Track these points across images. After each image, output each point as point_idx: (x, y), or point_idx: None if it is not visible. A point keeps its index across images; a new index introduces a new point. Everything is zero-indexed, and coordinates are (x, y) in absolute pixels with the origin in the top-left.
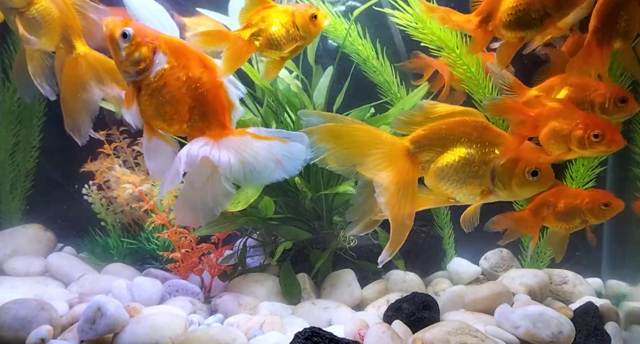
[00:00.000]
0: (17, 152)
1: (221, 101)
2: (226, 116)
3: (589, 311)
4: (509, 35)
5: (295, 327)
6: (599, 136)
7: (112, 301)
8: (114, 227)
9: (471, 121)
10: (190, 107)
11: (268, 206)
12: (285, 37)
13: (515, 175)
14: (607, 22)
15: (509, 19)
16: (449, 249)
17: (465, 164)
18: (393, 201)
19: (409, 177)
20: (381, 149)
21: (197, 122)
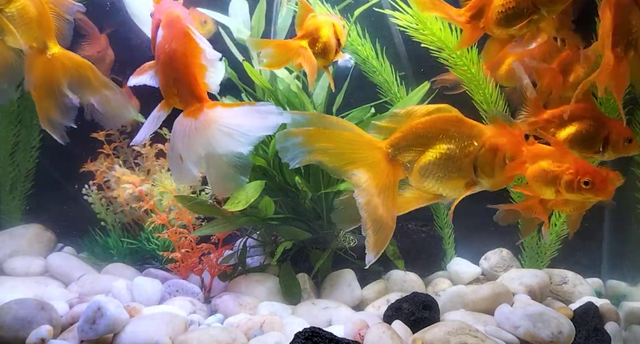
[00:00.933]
0: (17, 152)
1: (192, 72)
2: (199, 87)
3: (589, 311)
4: (500, 32)
5: (295, 327)
6: (589, 183)
7: (112, 301)
8: (114, 227)
9: (446, 116)
10: (173, 80)
11: (268, 206)
12: (332, 46)
13: (495, 164)
14: (622, 36)
15: (499, 16)
16: (449, 249)
17: (447, 160)
18: (372, 203)
19: (388, 180)
20: (360, 154)
21: (180, 95)
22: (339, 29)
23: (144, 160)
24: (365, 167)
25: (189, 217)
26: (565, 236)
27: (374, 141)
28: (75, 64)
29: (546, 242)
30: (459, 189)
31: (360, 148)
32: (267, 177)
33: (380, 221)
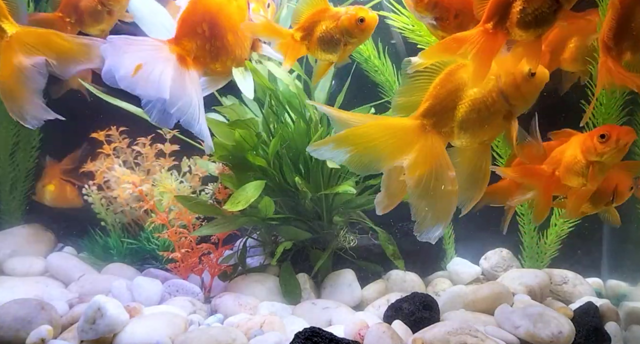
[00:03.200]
0: (17, 152)
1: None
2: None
3: (589, 311)
4: (526, 34)
5: (295, 327)
6: (605, 136)
7: (112, 301)
8: (114, 227)
9: (454, 67)
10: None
11: (268, 206)
12: (329, 42)
13: (519, 84)
14: (618, 39)
15: (523, 17)
16: (449, 249)
17: (478, 104)
18: (425, 183)
19: (436, 153)
20: (397, 137)
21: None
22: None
23: (144, 160)
24: (407, 150)
25: (189, 217)
26: (565, 236)
27: (404, 120)
28: (40, 38)
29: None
30: (500, 126)
31: (394, 132)
32: (267, 177)
33: (438, 195)
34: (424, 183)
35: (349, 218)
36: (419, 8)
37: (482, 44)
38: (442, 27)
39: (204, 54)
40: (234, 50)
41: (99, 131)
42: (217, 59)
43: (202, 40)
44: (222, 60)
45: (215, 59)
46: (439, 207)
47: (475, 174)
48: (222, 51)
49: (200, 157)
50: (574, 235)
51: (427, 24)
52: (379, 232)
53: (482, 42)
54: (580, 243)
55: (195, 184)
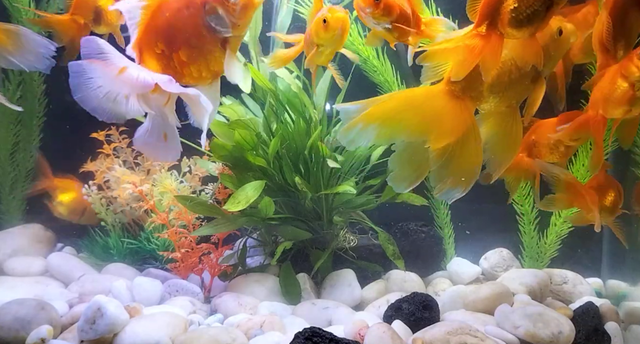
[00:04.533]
0: (17, 152)
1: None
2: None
3: (589, 311)
4: (519, 33)
5: (295, 327)
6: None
7: (112, 301)
8: (114, 227)
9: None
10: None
11: (268, 206)
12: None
13: (547, 44)
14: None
15: (515, 16)
16: (449, 249)
17: (511, 66)
18: (456, 154)
19: (466, 118)
20: (427, 107)
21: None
22: (313, 27)
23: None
24: (437, 117)
25: (189, 217)
26: (565, 236)
27: (432, 87)
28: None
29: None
30: (528, 88)
31: (422, 101)
32: (267, 177)
33: (463, 163)
34: (450, 151)
35: (349, 218)
36: (376, 16)
37: (480, 49)
38: (396, 30)
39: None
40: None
41: (99, 131)
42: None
43: (163, 58)
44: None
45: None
46: (461, 174)
47: (507, 137)
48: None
49: (200, 157)
50: (574, 235)
51: (382, 28)
52: (379, 232)
53: (480, 47)
54: (580, 243)
55: (195, 184)
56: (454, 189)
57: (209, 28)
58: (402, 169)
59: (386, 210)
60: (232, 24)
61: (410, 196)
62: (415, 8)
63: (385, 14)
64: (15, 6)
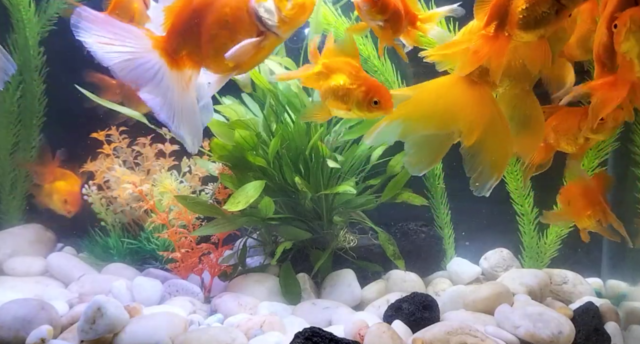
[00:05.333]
0: (17, 152)
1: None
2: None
3: (589, 311)
4: (528, 36)
5: (295, 327)
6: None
7: (112, 301)
8: (114, 227)
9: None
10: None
11: (268, 206)
12: (338, 99)
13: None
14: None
15: (523, 18)
16: (449, 249)
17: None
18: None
19: (489, 102)
20: (446, 95)
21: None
22: (357, 96)
23: (144, 160)
24: (459, 105)
25: (189, 217)
26: (565, 236)
27: (449, 77)
28: None
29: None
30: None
31: (442, 91)
32: (267, 177)
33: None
34: (480, 136)
35: (349, 218)
36: (372, 13)
37: (487, 50)
38: (391, 27)
39: (195, 51)
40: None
41: (99, 131)
42: (212, 57)
43: (192, 36)
44: (218, 59)
45: (209, 57)
46: (493, 160)
47: (527, 119)
48: (215, 48)
49: (200, 157)
50: (574, 235)
51: (376, 25)
52: (379, 233)
53: (487, 48)
54: (580, 243)
55: (195, 184)
56: (489, 179)
57: (253, 16)
58: (418, 152)
59: (386, 210)
60: (280, 20)
61: (410, 196)
62: (409, 7)
63: (380, 12)
64: (15, 6)
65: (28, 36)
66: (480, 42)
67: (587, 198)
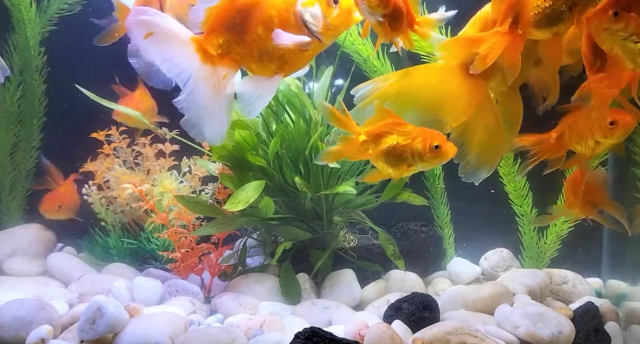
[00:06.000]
0: (17, 152)
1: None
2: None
3: (589, 311)
4: (541, 33)
5: (295, 327)
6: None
7: (112, 301)
8: (114, 227)
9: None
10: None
11: (268, 206)
12: (395, 158)
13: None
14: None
15: (537, 16)
16: (449, 249)
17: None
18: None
19: (482, 93)
20: (440, 82)
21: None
22: (417, 146)
23: (144, 160)
24: (453, 94)
25: (189, 217)
26: (565, 236)
27: (445, 64)
28: None
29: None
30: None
31: (437, 77)
32: (267, 177)
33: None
34: (469, 128)
35: (349, 218)
36: (371, 5)
37: (499, 45)
38: (391, 24)
39: (236, 50)
40: (276, 49)
41: (99, 131)
42: (254, 58)
43: (234, 35)
44: (261, 60)
45: (251, 58)
46: (484, 152)
47: (508, 117)
48: (258, 48)
49: (200, 157)
50: (574, 235)
51: (374, 20)
52: (379, 232)
53: (499, 44)
54: (580, 243)
55: (195, 184)
56: (479, 170)
57: (299, 18)
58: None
59: (386, 210)
60: (324, 26)
61: (410, 195)
62: (410, 7)
63: (380, 6)
64: (16, 6)
65: (29, 36)
66: (494, 39)
67: (589, 187)
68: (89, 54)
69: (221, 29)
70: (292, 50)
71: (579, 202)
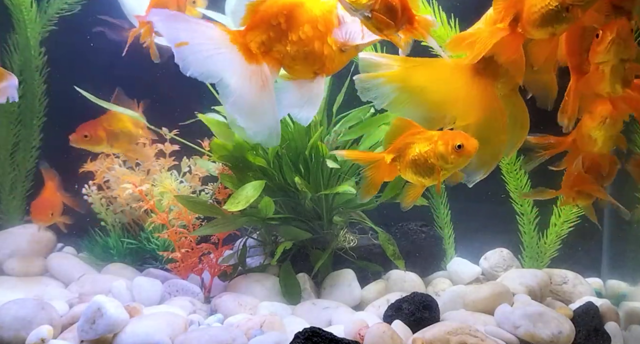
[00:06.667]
0: (17, 152)
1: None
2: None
3: (589, 311)
4: (539, 33)
5: (295, 327)
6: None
7: (112, 301)
8: (114, 227)
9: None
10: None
11: (268, 206)
12: (423, 166)
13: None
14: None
15: (535, 15)
16: (449, 249)
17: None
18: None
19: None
20: (450, 79)
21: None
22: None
23: (144, 160)
24: (460, 92)
25: (189, 217)
26: (565, 236)
27: (457, 61)
28: None
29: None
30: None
31: (447, 73)
32: (267, 177)
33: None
34: (475, 129)
35: (349, 218)
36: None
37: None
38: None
39: (278, 49)
40: (320, 51)
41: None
42: (298, 58)
43: (276, 33)
44: (306, 60)
45: (296, 58)
46: (486, 153)
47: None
48: (304, 48)
49: (200, 157)
50: (574, 235)
51: (361, 17)
52: (379, 232)
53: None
54: (580, 243)
55: (195, 184)
56: (476, 172)
57: (341, 21)
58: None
59: (386, 210)
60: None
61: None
62: (407, 3)
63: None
64: (16, 6)
65: (29, 36)
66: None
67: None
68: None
69: (263, 27)
70: (335, 51)
71: (567, 188)
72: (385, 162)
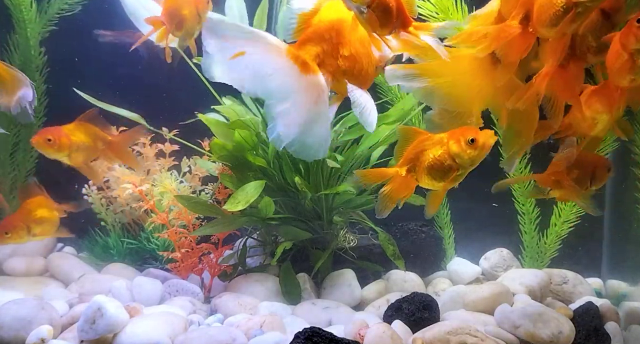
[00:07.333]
0: (17, 152)
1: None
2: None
3: (589, 311)
4: (549, 33)
5: (295, 327)
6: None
7: (112, 301)
8: (114, 227)
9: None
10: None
11: (268, 206)
12: (440, 170)
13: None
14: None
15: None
16: (449, 249)
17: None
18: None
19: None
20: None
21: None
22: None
23: (144, 160)
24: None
25: (189, 217)
26: (565, 236)
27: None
28: None
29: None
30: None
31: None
32: (267, 177)
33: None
34: (513, 115)
35: (349, 218)
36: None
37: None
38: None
39: (330, 62)
40: (364, 63)
41: None
42: (351, 72)
43: (329, 46)
44: (359, 74)
45: (349, 72)
46: (522, 138)
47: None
48: (357, 63)
49: (200, 157)
50: (574, 235)
51: (356, 11)
52: (379, 232)
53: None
54: (580, 243)
55: (195, 184)
56: (515, 157)
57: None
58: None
59: None
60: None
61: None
62: (402, 5)
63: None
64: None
65: (29, 36)
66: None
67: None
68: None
69: (317, 40)
70: (376, 68)
71: (545, 175)
72: (400, 176)
